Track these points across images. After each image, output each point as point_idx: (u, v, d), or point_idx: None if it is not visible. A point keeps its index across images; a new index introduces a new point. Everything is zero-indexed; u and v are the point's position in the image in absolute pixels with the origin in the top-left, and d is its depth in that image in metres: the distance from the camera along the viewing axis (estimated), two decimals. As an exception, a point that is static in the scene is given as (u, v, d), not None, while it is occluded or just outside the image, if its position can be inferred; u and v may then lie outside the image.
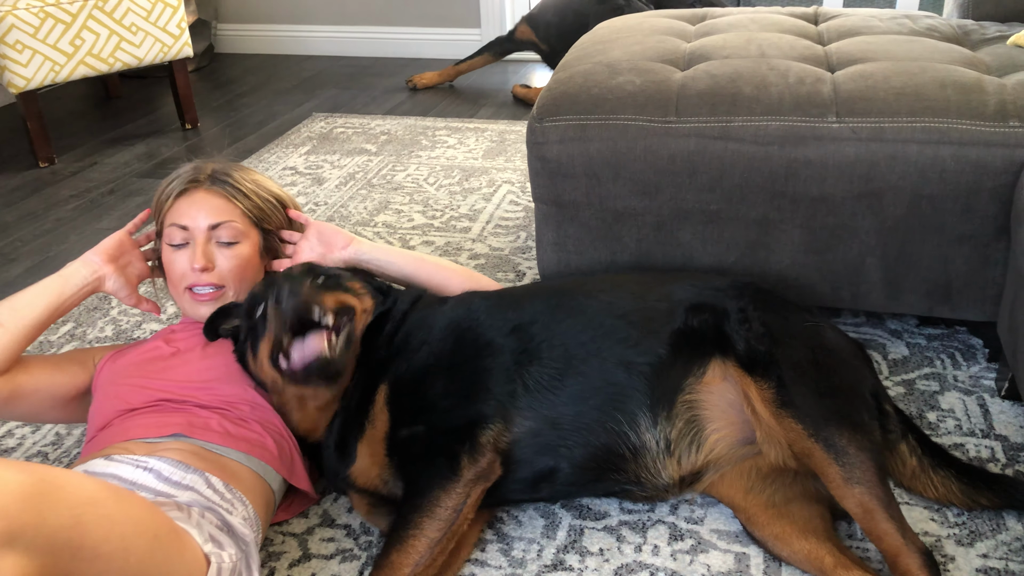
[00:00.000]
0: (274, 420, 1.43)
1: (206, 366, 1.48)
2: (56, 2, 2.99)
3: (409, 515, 1.28)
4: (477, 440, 1.32)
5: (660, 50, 1.92)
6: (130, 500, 1.02)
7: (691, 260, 1.79)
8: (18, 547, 0.85)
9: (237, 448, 1.35)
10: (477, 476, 1.31)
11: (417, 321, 1.48)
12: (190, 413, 1.38)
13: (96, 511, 0.95)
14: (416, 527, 1.26)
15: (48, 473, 0.93)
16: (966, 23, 2.07)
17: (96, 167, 3.13)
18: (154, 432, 1.35)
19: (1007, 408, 1.65)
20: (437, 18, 4.23)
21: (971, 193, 1.57)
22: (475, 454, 1.31)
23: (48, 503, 0.89)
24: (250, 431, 1.39)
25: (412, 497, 1.30)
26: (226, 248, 1.55)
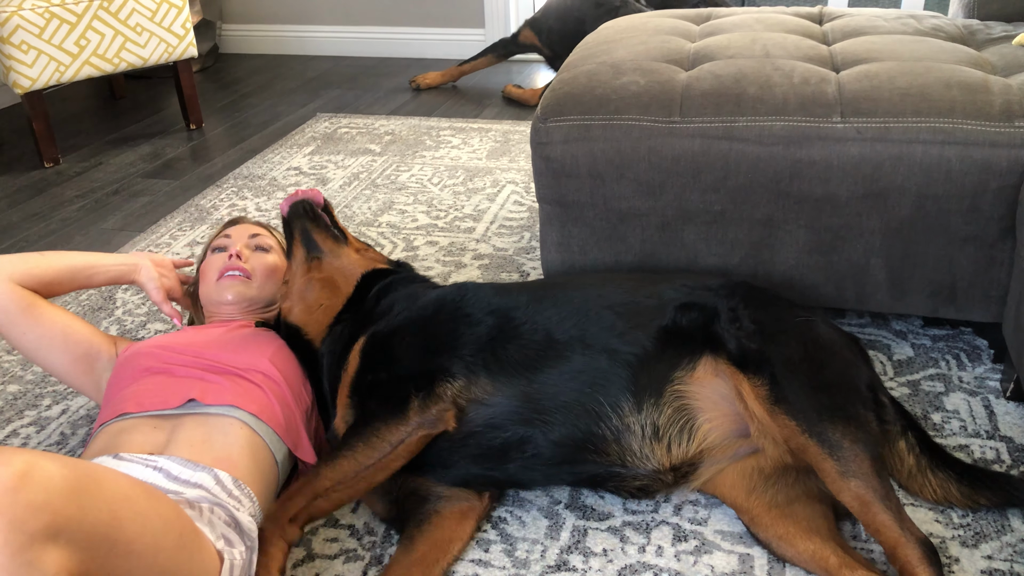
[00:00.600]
0: (284, 392, 1.47)
1: (223, 343, 1.54)
2: (61, 2, 3.00)
3: (348, 438, 1.36)
4: (433, 389, 1.37)
5: (664, 50, 1.92)
6: (159, 498, 1.04)
7: (695, 260, 1.78)
8: (61, 541, 0.86)
9: (247, 409, 1.39)
10: (424, 422, 1.36)
11: (409, 292, 1.59)
12: (201, 378, 1.43)
13: (131, 508, 0.96)
14: (350, 449, 1.34)
15: (88, 467, 0.93)
16: (971, 23, 2.06)
17: (101, 167, 3.13)
18: (169, 401, 1.38)
19: (1012, 409, 1.64)
20: (441, 18, 4.23)
21: (976, 194, 1.57)
22: (427, 401, 1.36)
23: (89, 498, 0.90)
24: (262, 395, 1.43)
25: (357, 425, 1.39)
26: (260, 253, 1.71)
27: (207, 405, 1.38)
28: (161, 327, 2.07)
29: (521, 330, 1.44)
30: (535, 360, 1.40)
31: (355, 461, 1.33)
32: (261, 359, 1.49)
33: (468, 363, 1.40)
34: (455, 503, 1.42)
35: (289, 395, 1.48)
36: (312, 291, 1.61)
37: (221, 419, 1.37)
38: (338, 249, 1.66)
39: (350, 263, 1.66)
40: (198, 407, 1.38)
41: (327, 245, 1.64)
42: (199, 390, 1.40)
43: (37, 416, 1.79)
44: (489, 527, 1.45)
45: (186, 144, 3.34)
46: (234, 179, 2.93)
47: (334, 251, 1.65)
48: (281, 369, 1.50)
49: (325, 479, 1.32)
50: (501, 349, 1.41)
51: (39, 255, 1.57)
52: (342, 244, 1.68)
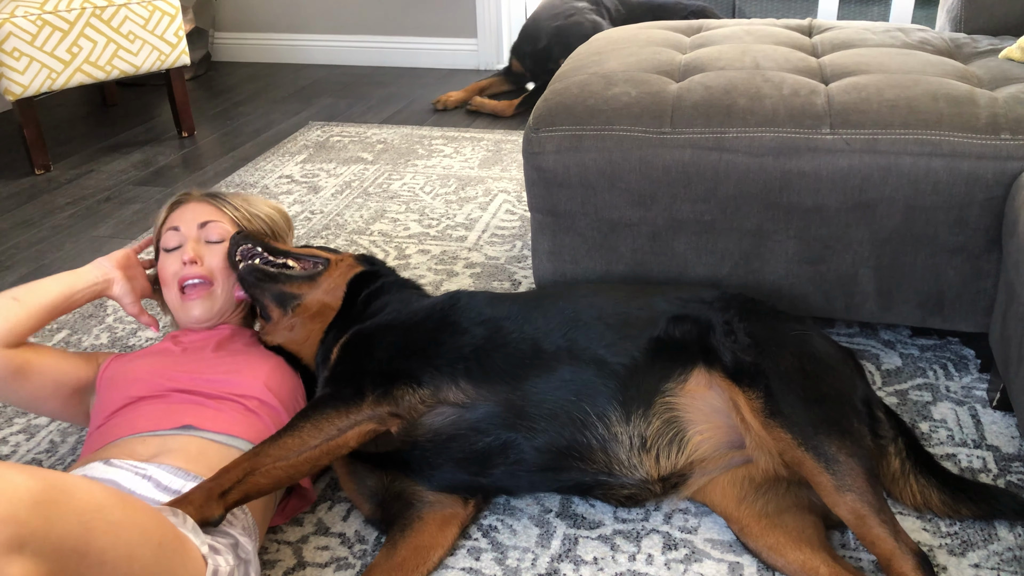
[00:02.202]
0: (280, 416, 1.46)
1: (216, 362, 1.52)
2: (54, 10, 3.00)
3: (297, 419, 1.34)
4: (391, 390, 1.37)
5: (655, 61, 1.94)
6: (136, 507, 1.02)
7: (686, 270, 1.80)
8: (26, 553, 0.85)
9: (244, 437, 1.38)
10: (373, 417, 1.35)
11: (402, 297, 1.60)
12: (198, 404, 1.41)
13: (103, 517, 0.95)
14: (297, 429, 1.32)
15: (57, 478, 0.92)
16: (958, 36, 2.09)
17: (92, 175, 3.13)
18: (163, 424, 1.36)
19: (999, 419, 1.66)
20: (434, 28, 4.25)
21: (963, 205, 1.58)
22: (382, 398, 1.36)
23: (57, 509, 0.89)
24: (259, 421, 1.42)
25: (308, 407, 1.37)
26: (215, 246, 1.64)
27: (202, 430, 1.37)
28: (152, 334, 2.07)
29: (509, 339, 1.44)
30: (521, 369, 1.40)
31: (299, 440, 1.30)
32: (256, 383, 1.47)
33: (443, 372, 1.40)
34: (438, 509, 1.42)
35: (286, 418, 1.46)
36: (300, 329, 1.60)
37: (217, 445, 1.35)
38: (315, 282, 1.62)
39: (331, 283, 1.63)
40: (194, 431, 1.37)
41: (303, 289, 1.61)
42: (194, 416, 1.38)
43: (27, 424, 1.78)
44: (480, 535, 1.45)
45: (178, 152, 3.34)
46: (226, 187, 2.93)
47: (312, 287, 1.62)
48: (277, 391, 1.49)
49: (266, 456, 1.28)
50: (486, 357, 1.41)
51: (15, 303, 1.47)
52: (319, 273, 1.64)
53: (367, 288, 1.62)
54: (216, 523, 1.20)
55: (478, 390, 1.39)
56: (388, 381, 1.38)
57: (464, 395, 1.39)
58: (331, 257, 1.69)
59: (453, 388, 1.39)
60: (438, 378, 1.39)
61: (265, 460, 1.28)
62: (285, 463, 1.29)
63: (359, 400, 1.35)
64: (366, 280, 1.64)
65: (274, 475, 1.28)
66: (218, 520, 1.20)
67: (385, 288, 1.63)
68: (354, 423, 1.34)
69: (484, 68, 4.19)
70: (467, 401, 1.39)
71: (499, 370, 1.40)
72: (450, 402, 1.39)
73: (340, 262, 1.68)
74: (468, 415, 1.39)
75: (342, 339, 1.51)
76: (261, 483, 1.27)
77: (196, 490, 1.21)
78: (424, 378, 1.39)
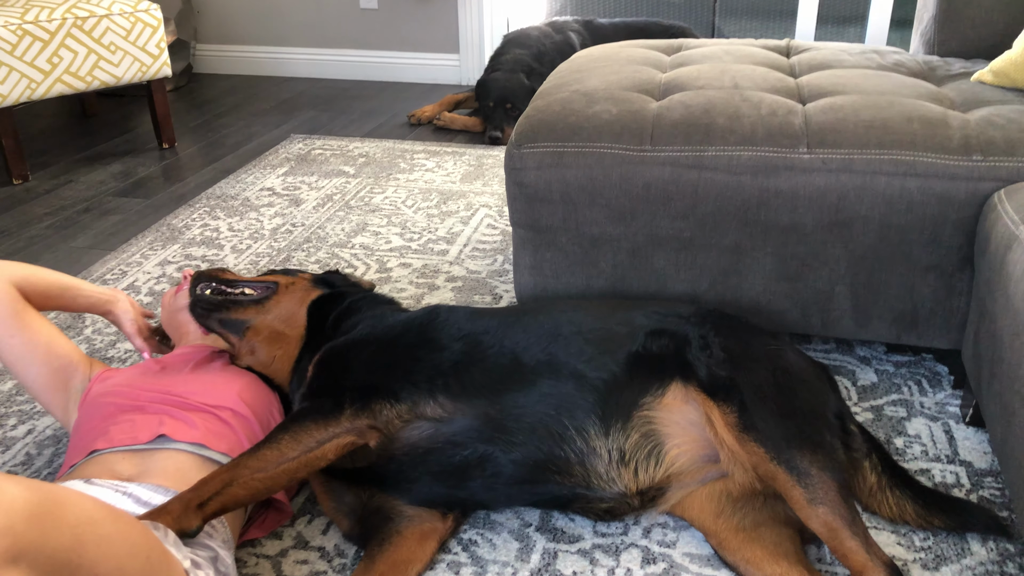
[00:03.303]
0: (254, 429, 1.47)
1: (192, 378, 1.53)
2: (35, 20, 2.99)
3: (276, 431, 1.35)
4: (369, 404, 1.38)
5: (636, 80, 1.96)
6: (126, 521, 1.02)
7: (665, 286, 1.81)
8: (22, 565, 0.84)
9: (216, 448, 1.38)
10: (352, 430, 1.36)
11: (376, 313, 1.61)
12: (171, 415, 1.41)
13: (95, 531, 0.94)
14: (276, 442, 1.32)
15: (51, 491, 0.92)
16: (932, 59, 2.13)
17: (71, 185, 3.11)
18: (139, 436, 1.36)
19: (971, 434, 1.68)
20: (416, 43, 4.27)
21: (937, 224, 1.62)
22: (361, 412, 1.37)
23: (51, 521, 0.88)
24: (231, 433, 1.42)
25: (287, 420, 1.37)
26: None
27: (177, 441, 1.37)
28: (130, 346, 2.05)
29: (487, 354, 1.45)
30: (499, 383, 1.41)
31: (278, 452, 1.31)
32: (230, 395, 1.48)
33: (421, 388, 1.40)
34: (417, 523, 1.42)
35: (259, 431, 1.47)
36: (260, 352, 1.61)
37: (191, 457, 1.36)
38: (263, 306, 1.64)
39: (284, 309, 1.64)
40: (168, 443, 1.37)
41: (249, 314, 1.62)
42: (170, 426, 1.39)
43: (2, 436, 1.76)
44: (460, 549, 1.45)
45: (158, 163, 3.33)
46: (206, 199, 2.92)
47: (260, 311, 1.63)
48: (251, 404, 1.50)
49: (244, 467, 1.28)
50: (465, 372, 1.42)
51: (34, 267, 1.59)
52: (266, 298, 1.65)
53: (335, 309, 1.63)
54: (193, 534, 1.19)
55: (456, 404, 1.40)
56: (366, 395, 1.38)
57: (442, 410, 1.40)
58: (280, 280, 1.69)
59: (431, 403, 1.40)
60: (416, 394, 1.40)
61: (244, 471, 1.28)
62: (263, 475, 1.29)
63: (338, 413, 1.35)
64: (331, 302, 1.65)
65: (252, 486, 1.28)
66: (195, 531, 1.20)
67: (354, 306, 1.64)
68: (333, 435, 1.34)
69: (466, 83, 4.21)
70: (445, 415, 1.39)
71: (478, 384, 1.41)
72: (427, 416, 1.40)
73: (291, 286, 1.68)
74: (445, 429, 1.39)
75: (317, 356, 1.52)
76: (239, 494, 1.27)
77: (174, 501, 1.21)
78: (402, 394, 1.40)
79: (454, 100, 3.75)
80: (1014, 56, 1.83)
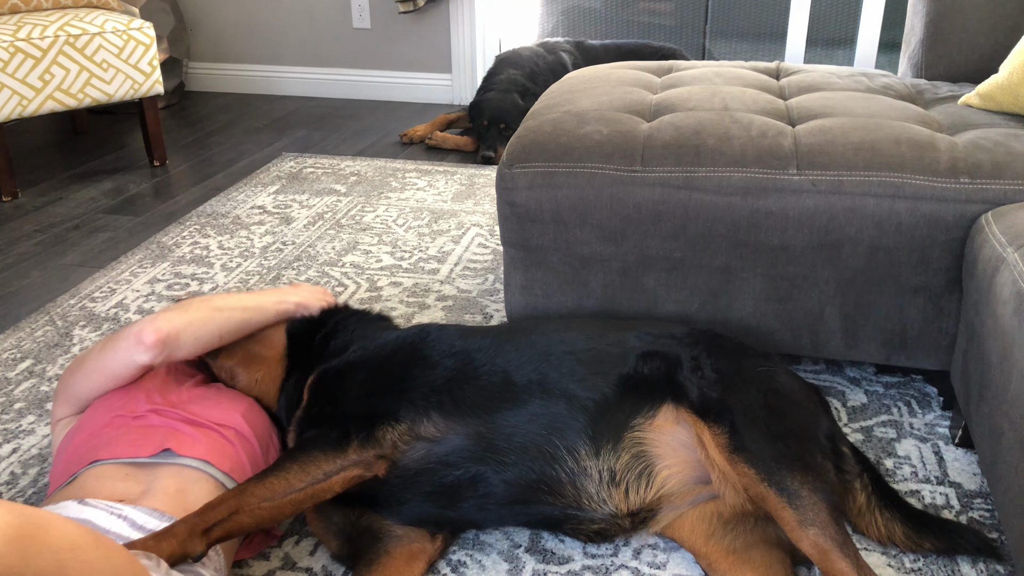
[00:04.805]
0: (254, 449, 1.47)
1: (197, 396, 1.52)
2: (27, 37, 2.99)
3: (283, 460, 1.34)
4: (373, 433, 1.37)
5: (627, 101, 1.97)
6: (109, 547, 1.01)
7: (656, 306, 1.82)
8: None
9: (219, 466, 1.38)
10: (359, 461, 1.36)
11: (365, 332, 1.60)
12: (178, 430, 1.41)
13: (77, 557, 0.93)
14: (283, 471, 1.32)
15: (33, 514, 0.90)
16: (919, 82, 2.15)
17: (61, 202, 3.10)
18: (142, 449, 1.36)
19: (960, 456, 1.69)
20: (409, 62, 4.29)
21: (925, 246, 1.63)
22: (367, 443, 1.36)
23: (33, 546, 0.87)
24: (234, 452, 1.42)
25: (294, 450, 1.37)
26: None
27: (181, 456, 1.36)
28: (118, 365, 2.04)
29: (479, 372, 1.45)
30: (491, 402, 1.41)
31: (286, 482, 1.31)
32: (234, 415, 1.48)
33: (417, 406, 1.40)
34: (406, 544, 1.41)
35: (259, 453, 1.47)
36: (241, 376, 1.61)
37: (194, 472, 1.35)
38: None
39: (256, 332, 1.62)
40: (172, 457, 1.36)
41: None
42: (174, 441, 1.38)
43: (-13, 455, 1.74)
44: (449, 570, 1.44)
45: (149, 180, 3.32)
46: (197, 216, 2.92)
47: None
48: (253, 425, 1.49)
49: (251, 495, 1.29)
50: (458, 390, 1.42)
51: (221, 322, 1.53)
52: None
53: (319, 330, 1.63)
54: (197, 559, 1.19)
55: (448, 423, 1.39)
56: (369, 424, 1.38)
57: (435, 428, 1.39)
58: None
59: (425, 421, 1.39)
60: (413, 412, 1.40)
61: (251, 499, 1.28)
62: (270, 504, 1.29)
63: (345, 444, 1.35)
64: (313, 322, 1.64)
65: (258, 515, 1.29)
66: (199, 556, 1.20)
67: (342, 325, 1.63)
68: (340, 468, 1.34)
69: (458, 103, 4.23)
70: (437, 435, 1.39)
71: (470, 402, 1.41)
72: (422, 436, 1.39)
73: None
74: (437, 449, 1.39)
75: (310, 379, 1.51)
76: (244, 522, 1.27)
77: (180, 524, 1.21)
78: (400, 413, 1.40)
79: (446, 120, 3.76)
80: (1000, 80, 1.85)
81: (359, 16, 4.24)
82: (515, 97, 3.50)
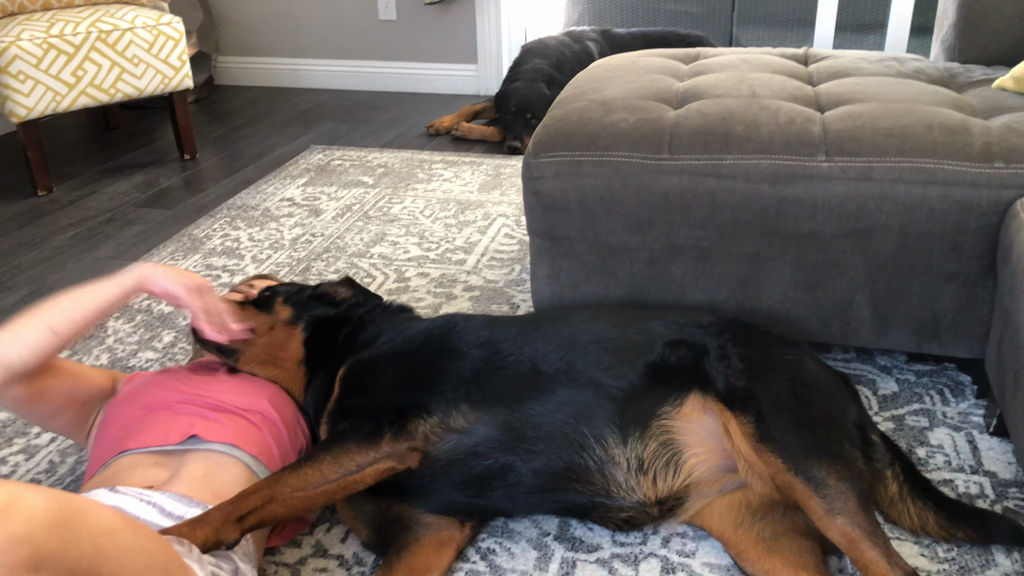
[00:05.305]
0: (281, 434, 1.48)
1: (223, 382, 1.54)
2: (59, 33, 3.04)
3: (317, 451, 1.36)
4: (406, 426, 1.38)
5: (654, 89, 1.96)
6: (144, 533, 1.03)
7: (683, 295, 1.81)
8: (42, 574, 0.85)
9: (248, 450, 1.40)
10: (392, 454, 1.37)
11: (394, 324, 1.60)
12: (204, 416, 1.43)
13: (115, 542, 0.95)
14: (317, 462, 1.33)
15: (72, 500, 0.93)
16: (952, 66, 2.12)
17: (94, 196, 3.15)
18: (170, 437, 1.38)
19: (995, 444, 1.66)
20: (435, 54, 4.29)
21: (958, 232, 1.60)
22: (399, 435, 1.38)
23: (72, 531, 0.89)
24: (260, 436, 1.44)
25: (327, 441, 1.39)
26: None
27: (208, 442, 1.39)
28: (152, 355, 2.07)
29: (507, 362, 1.46)
30: (519, 391, 1.42)
31: (319, 473, 1.32)
32: (261, 400, 1.50)
33: (448, 398, 1.41)
34: (435, 532, 1.43)
35: (286, 436, 1.49)
36: (261, 372, 1.60)
37: (222, 457, 1.37)
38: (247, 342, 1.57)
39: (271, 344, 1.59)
40: (199, 443, 1.38)
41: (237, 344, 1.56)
42: (200, 427, 1.40)
43: (26, 444, 1.78)
44: (478, 558, 1.45)
45: (180, 174, 3.36)
46: (227, 209, 2.95)
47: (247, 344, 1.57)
48: (279, 409, 1.51)
49: (285, 485, 1.30)
50: (485, 380, 1.43)
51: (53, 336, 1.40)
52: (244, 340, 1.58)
53: (341, 330, 1.61)
54: (231, 546, 1.22)
55: (477, 414, 1.40)
56: (402, 416, 1.39)
57: (464, 420, 1.40)
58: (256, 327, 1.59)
59: (455, 413, 1.40)
60: (443, 404, 1.41)
61: (284, 489, 1.30)
62: (303, 494, 1.31)
63: (378, 437, 1.37)
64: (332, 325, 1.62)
65: (291, 504, 1.30)
66: (233, 543, 1.22)
67: (367, 319, 1.63)
68: (374, 459, 1.35)
69: (484, 93, 4.23)
70: (466, 426, 1.40)
71: (498, 393, 1.41)
72: (452, 428, 1.40)
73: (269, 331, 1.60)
74: (467, 439, 1.40)
75: (341, 371, 1.52)
76: (278, 511, 1.29)
77: (214, 511, 1.23)
78: (431, 405, 1.41)
79: (472, 111, 3.76)
80: (1036, 63, 1.81)
81: (385, 8, 4.26)
82: (541, 86, 3.49)
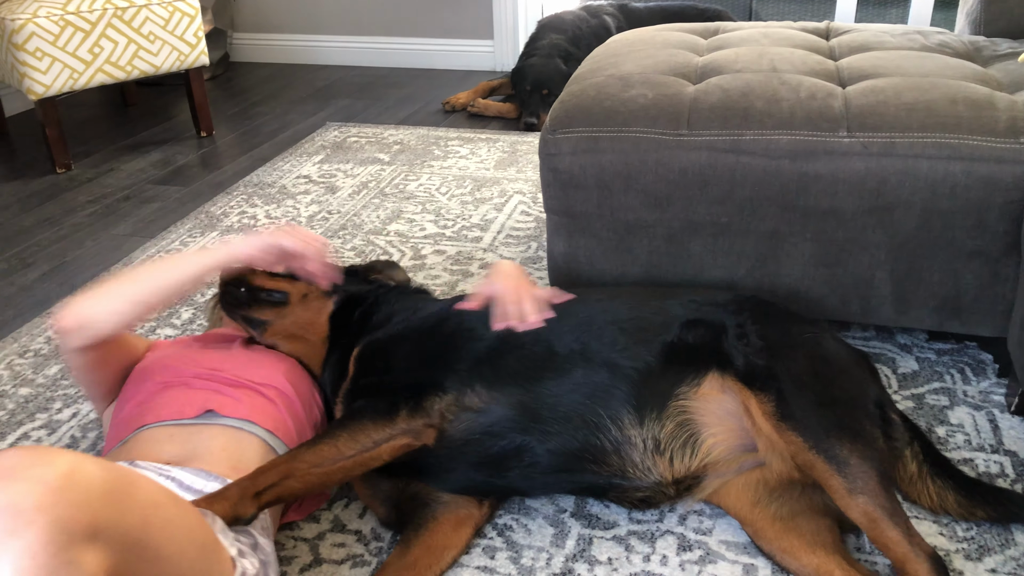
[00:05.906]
0: (297, 408, 1.49)
1: (238, 357, 1.55)
2: (76, 10, 3.04)
3: (333, 428, 1.36)
4: (421, 402, 1.39)
5: (672, 63, 1.94)
6: (185, 507, 1.04)
7: (702, 272, 1.80)
8: (99, 542, 0.86)
9: (263, 425, 1.41)
10: (408, 430, 1.37)
11: (408, 304, 1.61)
12: (220, 391, 1.44)
13: (160, 514, 0.97)
14: (333, 438, 1.34)
15: (124, 472, 0.94)
16: (978, 39, 2.08)
17: (112, 173, 3.16)
18: (186, 411, 1.39)
19: (1017, 424, 1.65)
20: (450, 29, 4.26)
21: (982, 209, 1.58)
22: (415, 412, 1.38)
23: (125, 500, 0.91)
24: (276, 411, 1.45)
25: (344, 418, 1.39)
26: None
27: (224, 417, 1.40)
28: (171, 332, 2.09)
29: (522, 342, 1.45)
30: (534, 371, 1.41)
31: (336, 449, 1.33)
32: (276, 374, 1.50)
33: (462, 377, 1.41)
34: (453, 510, 1.43)
35: (301, 411, 1.50)
36: (283, 345, 1.61)
37: (238, 432, 1.38)
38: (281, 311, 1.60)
39: (301, 316, 1.61)
40: (215, 418, 1.39)
41: (268, 315, 1.59)
42: (216, 402, 1.41)
43: (48, 419, 1.80)
44: (495, 534, 1.46)
45: (196, 151, 3.37)
46: (244, 186, 2.95)
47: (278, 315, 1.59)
48: (295, 384, 1.52)
49: (302, 461, 1.31)
50: (500, 360, 1.43)
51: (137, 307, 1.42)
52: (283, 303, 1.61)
53: (358, 307, 1.62)
54: (247, 522, 1.22)
55: (492, 393, 1.40)
56: (418, 393, 1.40)
57: (479, 399, 1.40)
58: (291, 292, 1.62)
59: (469, 392, 1.40)
60: (458, 383, 1.41)
61: (301, 465, 1.31)
62: (319, 470, 1.32)
63: (394, 413, 1.37)
64: (354, 303, 1.63)
65: (308, 481, 1.31)
66: (250, 519, 1.22)
67: (382, 300, 1.63)
68: (390, 436, 1.36)
69: (500, 70, 4.20)
70: (482, 405, 1.40)
71: (512, 372, 1.41)
72: (467, 407, 1.40)
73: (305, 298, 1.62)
74: (482, 419, 1.40)
75: (356, 351, 1.52)
76: (295, 487, 1.30)
77: (232, 487, 1.24)
78: (447, 383, 1.41)
79: (488, 87, 3.74)
80: (1064, 35, 1.77)
81: (400, -17, 4.23)
82: (558, 62, 3.46)
